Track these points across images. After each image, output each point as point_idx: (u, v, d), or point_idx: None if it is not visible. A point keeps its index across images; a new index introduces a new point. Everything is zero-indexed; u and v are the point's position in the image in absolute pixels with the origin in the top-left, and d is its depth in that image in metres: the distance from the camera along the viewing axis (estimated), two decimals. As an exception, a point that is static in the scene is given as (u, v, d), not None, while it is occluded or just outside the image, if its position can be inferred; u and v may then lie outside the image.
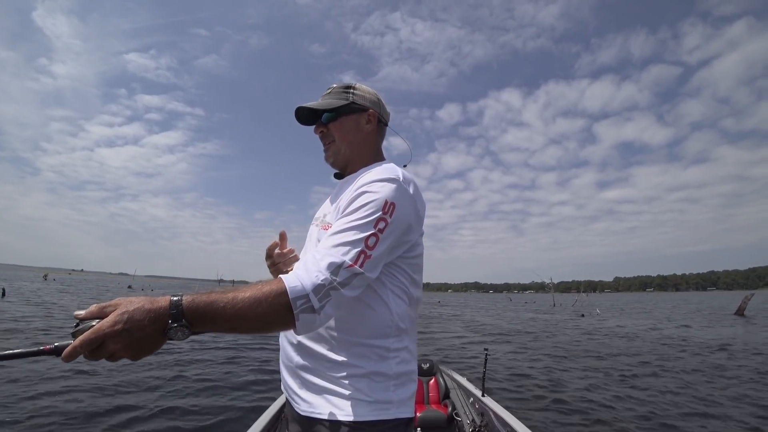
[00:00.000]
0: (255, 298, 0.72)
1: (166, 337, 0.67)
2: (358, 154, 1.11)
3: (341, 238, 0.83)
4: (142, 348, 0.66)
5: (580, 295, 77.08)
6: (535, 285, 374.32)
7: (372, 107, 1.11)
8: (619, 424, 4.55)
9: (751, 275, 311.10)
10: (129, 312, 0.64)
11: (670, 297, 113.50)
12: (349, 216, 0.87)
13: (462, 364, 7.89)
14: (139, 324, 0.64)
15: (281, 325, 0.77)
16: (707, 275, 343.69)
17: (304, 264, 0.81)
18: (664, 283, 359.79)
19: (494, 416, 2.80)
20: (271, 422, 2.51)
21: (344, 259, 0.80)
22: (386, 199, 0.88)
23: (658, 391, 6.00)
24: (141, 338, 0.65)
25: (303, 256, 1.09)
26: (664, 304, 49.65)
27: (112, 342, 0.63)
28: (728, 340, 12.24)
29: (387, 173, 0.93)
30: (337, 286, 0.78)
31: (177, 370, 6.44)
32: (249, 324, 0.73)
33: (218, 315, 0.70)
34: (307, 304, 0.75)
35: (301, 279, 0.76)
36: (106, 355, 0.64)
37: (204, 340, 9.36)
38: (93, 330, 0.62)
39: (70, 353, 0.62)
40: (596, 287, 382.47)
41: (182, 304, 0.68)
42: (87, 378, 5.55)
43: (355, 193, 0.91)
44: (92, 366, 5.96)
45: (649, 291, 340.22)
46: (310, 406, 0.92)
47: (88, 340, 0.62)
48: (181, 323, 0.66)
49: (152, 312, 0.66)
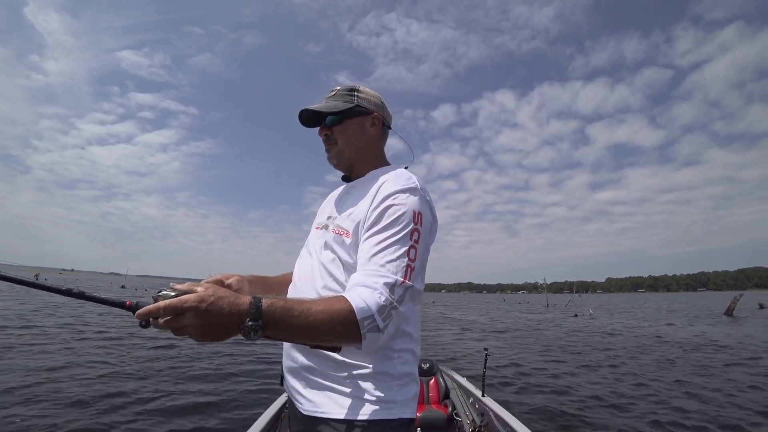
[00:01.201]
0: (327, 313, 0.75)
1: (239, 332, 0.70)
2: (362, 157, 1.12)
3: (387, 256, 0.87)
4: (213, 333, 0.69)
5: (573, 295, 77.88)
6: (528, 285, 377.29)
7: (376, 110, 1.12)
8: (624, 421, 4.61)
9: (740, 276, 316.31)
10: (216, 296, 0.69)
11: (660, 297, 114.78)
12: (386, 231, 0.90)
13: (459, 363, 7.93)
14: (220, 311, 0.68)
15: (348, 341, 0.80)
16: (697, 276, 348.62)
17: (363, 283, 0.84)
18: (655, 284, 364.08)
19: (494, 416, 2.80)
20: (271, 422, 2.50)
21: (396, 278, 0.84)
22: (414, 210, 0.92)
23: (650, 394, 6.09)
24: (216, 324, 0.68)
25: (306, 260, 1.09)
26: (654, 304, 50.26)
27: (191, 316, 0.66)
28: (704, 338, 12.62)
29: (407, 182, 0.96)
30: (396, 305, 0.83)
31: (175, 369, 6.41)
32: (317, 337, 0.77)
33: (291, 323, 0.73)
34: (372, 324, 0.79)
35: (366, 299, 0.80)
36: (179, 326, 0.67)
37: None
38: (180, 299, 0.67)
39: (149, 311, 0.67)
40: (588, 288, 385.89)
41: (262, 305, 0.71)
42: (85, 375, 5.52)
43: (382, 205, 0.93)
44: (91, 366, 5.87)
45: (640, 292, 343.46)
46: (314, 405, 0.92)
47: (171, 306, 0.66)
48: (257, 323, 0.69)
49: (235, 305, 0.69)
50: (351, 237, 0.98)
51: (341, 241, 0.99)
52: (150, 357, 7.32)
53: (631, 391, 6.07)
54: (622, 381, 6.70)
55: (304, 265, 1.08)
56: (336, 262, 0.99)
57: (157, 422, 4.17)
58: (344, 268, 0.98)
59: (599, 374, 7.25)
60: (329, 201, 1.21)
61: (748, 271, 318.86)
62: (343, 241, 0.99)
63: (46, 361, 6.39)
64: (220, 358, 7.61)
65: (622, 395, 5.80)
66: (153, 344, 8.36)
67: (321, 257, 1.03)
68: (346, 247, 0.98)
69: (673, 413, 4.96)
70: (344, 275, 0.97)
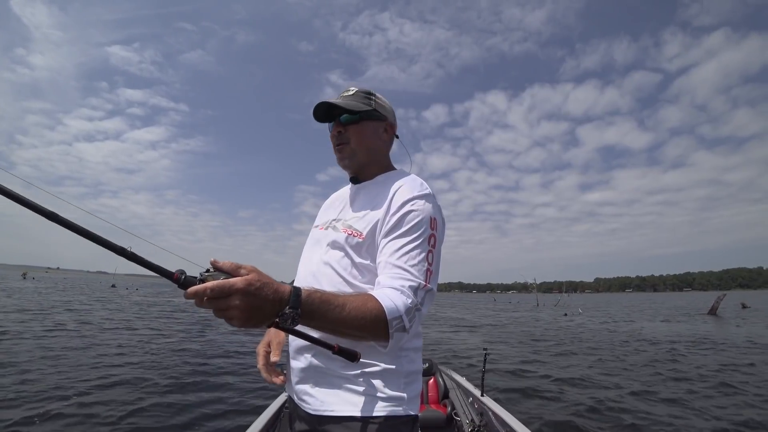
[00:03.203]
0: (360, 310, 0.80)
1: (277, 318, 0.71)
2: (373, 161, 1.14)
3: (410, 260, 0.91)
4: (255, 317, 0.69)
5: (562, 295, 78.63)
6: (518, 285, 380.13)
7: (389, 117, 1.15)
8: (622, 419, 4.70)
9: (725, 276, 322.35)
10: (262, 282, 0.69)
11: (647, 297, 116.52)
12: (407, 236, 0.94)
13: (457, 363, 7.96)
14: (265, 296, 0.69)
15: (375, 339, 0.85)
16: (683, 276, 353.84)
17: (390, 285, 0.88)
18: (643, 284, 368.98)
19: (493, 416, 2.80)
20: (270, 422, 2.48)
21: (419, 281, 0.89)
22: (431, 216, 0.97)
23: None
24: (259, 308, 0.69)
25: (311, 259, 1.09)
26: (641, 304, 50.95)
27: (237, 299, 0.66)
28: (691, 336, 13.01)
29: (420, 188, 1.01)
30: (419, 307, 0.89)
31: (173, 367, 6.33)
32: (347, 331, 0.80)
33: (326, 314, 0.77)
34: (400, 324, 0.84)
35: (395, 300, 0.84)
36: (223, 307, 0.67)
37: (203, 339, 9.28)
38: (229, 281, 0.66)
39: (197, 291, 0.66)
40: (577, 288, 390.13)
41: (301, 294, 0.74)
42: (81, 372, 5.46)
43: (402, 211, 0.96)
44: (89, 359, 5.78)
45: (628, 291, 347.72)
46: (322, 404, 0.93)
47: (219, 287, 0.66)
48: (296, 311, 0.72)
49: (278, 292, 0.71)
50: (365, 238, 0.99)
51: (353, 241, 1.00)
52: (143, 360, 7.22)
53: (623, 386, 6.15)
54: (618, 379, 6.80)
55: (309, 264, 1.09)
56: (345, 260, 1.00)
57: (155, 422, 4.14)
58: (354, 268, 0.99)
59: (595, 372, 7.35)
60: (335, 201, 1.21)
61: (732, 271, 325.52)
62: (355, 241, 1.00)
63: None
64: (218, 358, 7.56)
65: (619, 393, 5.86)
66: (147, 348, 8.23)
67: (327, 256, 1.03)
68: (359, 247, 0.99)
69: (669, 409, 5.05)
70: (352, 274, 0.99)
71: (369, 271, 0.99)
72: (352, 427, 0.90)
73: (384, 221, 0.98)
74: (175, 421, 4.24)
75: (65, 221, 0.62)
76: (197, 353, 7.94)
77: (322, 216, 1.20)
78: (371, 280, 0.97)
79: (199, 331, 11.43)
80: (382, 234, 0.97)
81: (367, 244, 0.99)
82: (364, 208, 1.04)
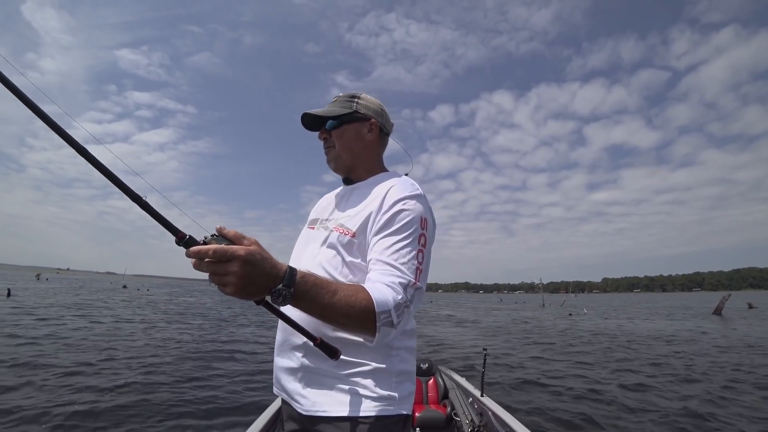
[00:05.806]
0: (349, 298, 0.80)
1: (269, 294, 0.74)
2: (360, 162, 1.15)
3: (401, 258, 0.92)
4: (249, 288, 0.71)
5: (569, 295, 77.94)
6: (524, 285, 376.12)
7: (374, 117, 1.14)
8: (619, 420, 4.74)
9: (735, 276, 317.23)
10: (261, 255, 0.71)
11: (655, 297, 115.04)
12: (398, 235, 0.95)
13: (457, 363, 7.99)
14: (262, 268, 0.71)
15: (361, 330, 0.85)
16: (693, 276, 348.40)
17: (380, 280, 0.89)
18: (651, 284, 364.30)
19: (493, 416, 2.80)
20: (268, 425, 2.46)
21: (410, 278, 0.90)
22: (422, 216, 0.98)
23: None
24: (254, 279, 0.70)
25: (303, 258, 1.10)
26: (648, 304, 50.37)
27: (236, 266, 0.68)
28: (694, 334, 13.18)
29: (412, 189, 1.02)
30: (408, 304, 0.88)
31: (172, 365, 6.40)
32: (336, 318, 0.81)
33: (318, 298, 0.78)
34: (388, 318, 0.84)
35: (385, 295, 0.84)
36: (221, 272, 0.69)
37: (203, 337, 9.40)
38: (232, 247, 0.69)
39: (199, 251, 0.68)
40: (585, 288, 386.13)
41: (296, 274, 0.76)
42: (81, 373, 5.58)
43: (392, 210, 0.97)
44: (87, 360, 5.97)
45: (636, 292, 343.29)
46: (313, 404, 0.94)
47: (221, 251, 0.68)
48: (289, 290, 0.73)
49: (275, 268, 0.73)
50: (356, 237, 1.00)
51: (345, 239, 1.01)
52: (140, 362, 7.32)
53: (626, 387, 6.16)
54: (618, 378, 6.81)
55: (299, 263, 1.09)
56: (336, 259, 1.01)
57: (150, 426, 4.13)
58: (345, 266, 1.00)
59: (595, 372, 7.37)
60: (326, 201, 1.23)
61: (743, 271, 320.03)
62: (347, 240, 1.01)
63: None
64: (215, 358, 7.61)
65: (618, 392, 5.88)
66: (145, 351, 8.31)
67: (319, 255, 1.04)
68: (350, 246, 1.00)
69: (669, 409, 5.06)
70: (343, 273, 1.00)
71: (360, 270, 0.99)
72: (344, 427, 0.91)
73: (375, 220, 0.99)
74: (176, 421, 4.27)
75: (92, 157, 0.70)
76: (212, 350, 8.04)
77: (314, 216, 1.21)
78: (362, 279, 0.96)
79: (217, 328, 11.89)
80: (373, 232, 0.98)
81: (359, 243, 1.00)
82: (356, 208, 1.06)
